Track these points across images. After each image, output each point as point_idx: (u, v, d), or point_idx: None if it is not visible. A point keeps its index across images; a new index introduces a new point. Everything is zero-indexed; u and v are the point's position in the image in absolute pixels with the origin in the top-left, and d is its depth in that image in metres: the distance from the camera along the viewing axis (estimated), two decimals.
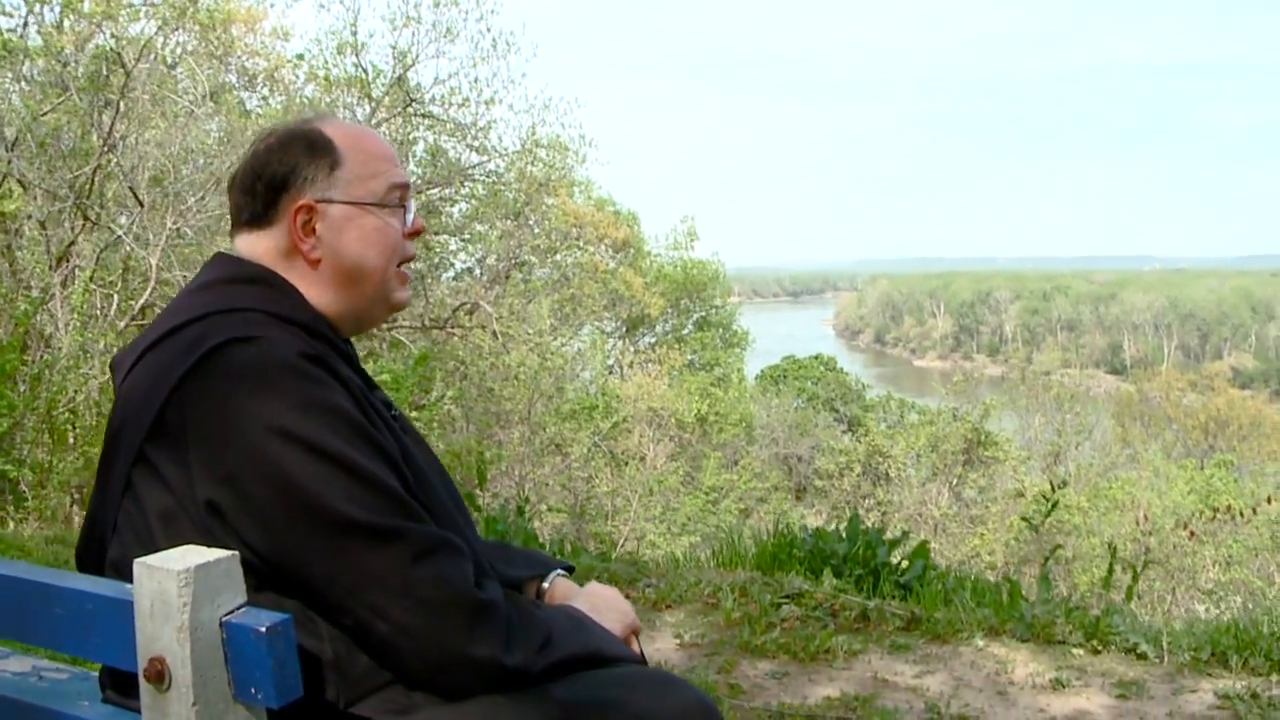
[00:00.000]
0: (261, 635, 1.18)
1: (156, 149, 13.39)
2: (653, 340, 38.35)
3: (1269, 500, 18.17)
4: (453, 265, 22.56)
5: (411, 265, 1.85)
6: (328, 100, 18.34)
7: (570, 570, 1.95)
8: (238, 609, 1.22)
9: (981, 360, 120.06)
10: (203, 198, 13.81)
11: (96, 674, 2.26)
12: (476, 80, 18.54)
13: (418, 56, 18.18)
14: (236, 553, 1.25)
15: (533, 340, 19.09)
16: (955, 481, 23.27)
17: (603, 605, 1.77)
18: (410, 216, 1.80)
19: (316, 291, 1.70)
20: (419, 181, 18.77)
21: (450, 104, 18.94)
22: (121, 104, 12.55)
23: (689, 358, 36.87)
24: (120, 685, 1.54)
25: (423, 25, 17.72)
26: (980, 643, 4.60)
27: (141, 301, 13.30)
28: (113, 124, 12.46)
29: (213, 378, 1.49)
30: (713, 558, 6.48)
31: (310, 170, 1.71)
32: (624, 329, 37.01)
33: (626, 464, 22.16)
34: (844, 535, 6.03)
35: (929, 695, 4.06)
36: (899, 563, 5.83)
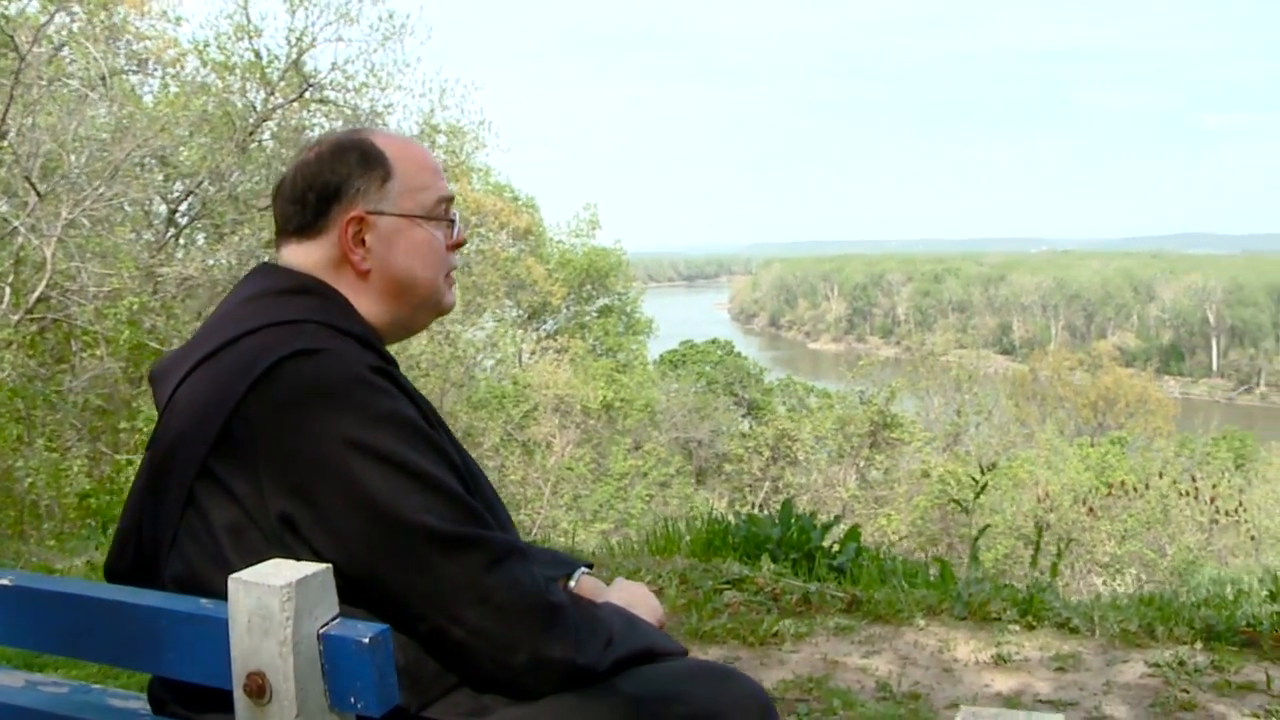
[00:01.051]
0: (364, 646, 1.20)
1: (48, 135, 13.03)
2: (554, 328, 38.33)
3: (1160, 475, 18.88)
4: None
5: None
6: (221, 85, 17.97)
7: (590, 567, 1.99)
8: (332, 620, 1.24)
9: (875, 342, 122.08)
10: (99, 187, 13.48)
11: (97, 686, 2.26)
12: (374, 67, 18.32)
13: (315, 40, 17.91)
14: (329, 566, 1.27)
15: (435, 330, 18.97)
16: (862, 464, 23.70)
17: (635, 601, 1.81)
18: (456, 229, 1.83)
19: (365, 302, 1.72)
20: None
21: (347, 89, 18.70)
22: (14, 89, 12.15)
23: (590, 344, 36.92)
24: (189, 700, 1.52)
25: (318, 7, 17.46)
26: (921, 623, 4.73)
27: (37, 294, 12.95)
28: (6, 110, 12.07)
29: (281, 391, 1.49)
30: (647, 545, 6.53)
31: (363, 182, 1.72)
32: (525, 316, 36.92)
33: (533, 452, 22.15)
34: (776, 520, 6.14)
35: (878, 675, 4.17)
36: (831, 546, 5.95)
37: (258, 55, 18.13)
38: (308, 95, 18.41)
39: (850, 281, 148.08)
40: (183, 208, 17.52)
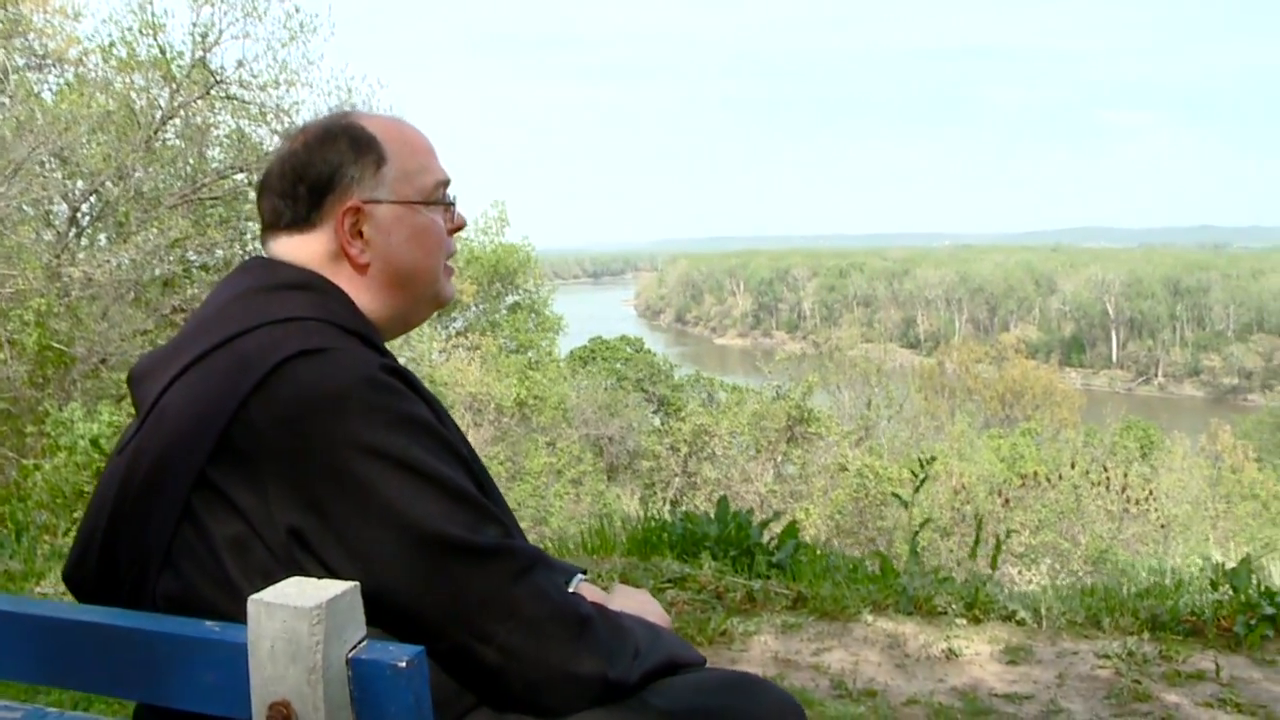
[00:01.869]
0: (400, 671, 1.10)
1: None
2: (464, 325, 38.06)
3: (1072, 465, 19.26)
4: None
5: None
6: (125, 82, 17.50)
7: (584, 573, 1.90)
8: (360, 643, 1.14)
9: (781, 337, 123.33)
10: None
11: (53, 710, 2.12)
12: (285, 63, 17.93)
13: (220, 36, 17.52)
14: (357, 584, 1.16)
15: None
16: (780, 459, 23.80)
17: (641, 608, 1.72)
18: (455, 212, 1.72)
19: (366, 296, 1.60)
20: (221, 167, 18.18)
21: (254, 86, 18.31)
22: None
23: (501, 341, 36.70)
24: None
25: (225, 3, 17.07)
26: (868, 618, 4.71)
27: None
28: None
29: (286, 395, 1.37)
30: (582, 544, 6.44)
31: (356, 169, 1.59)
32: (435, 314, 36.55)
33: None
34: (713, 518, 6.09)
35: (832, 672, 4.14)
36: (769, 542, 5.91)
37: (162, 51, 17.68)
38: (213, 93, 17.99)
39: (756, 277, 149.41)
40: (84, 208, 17.03)
